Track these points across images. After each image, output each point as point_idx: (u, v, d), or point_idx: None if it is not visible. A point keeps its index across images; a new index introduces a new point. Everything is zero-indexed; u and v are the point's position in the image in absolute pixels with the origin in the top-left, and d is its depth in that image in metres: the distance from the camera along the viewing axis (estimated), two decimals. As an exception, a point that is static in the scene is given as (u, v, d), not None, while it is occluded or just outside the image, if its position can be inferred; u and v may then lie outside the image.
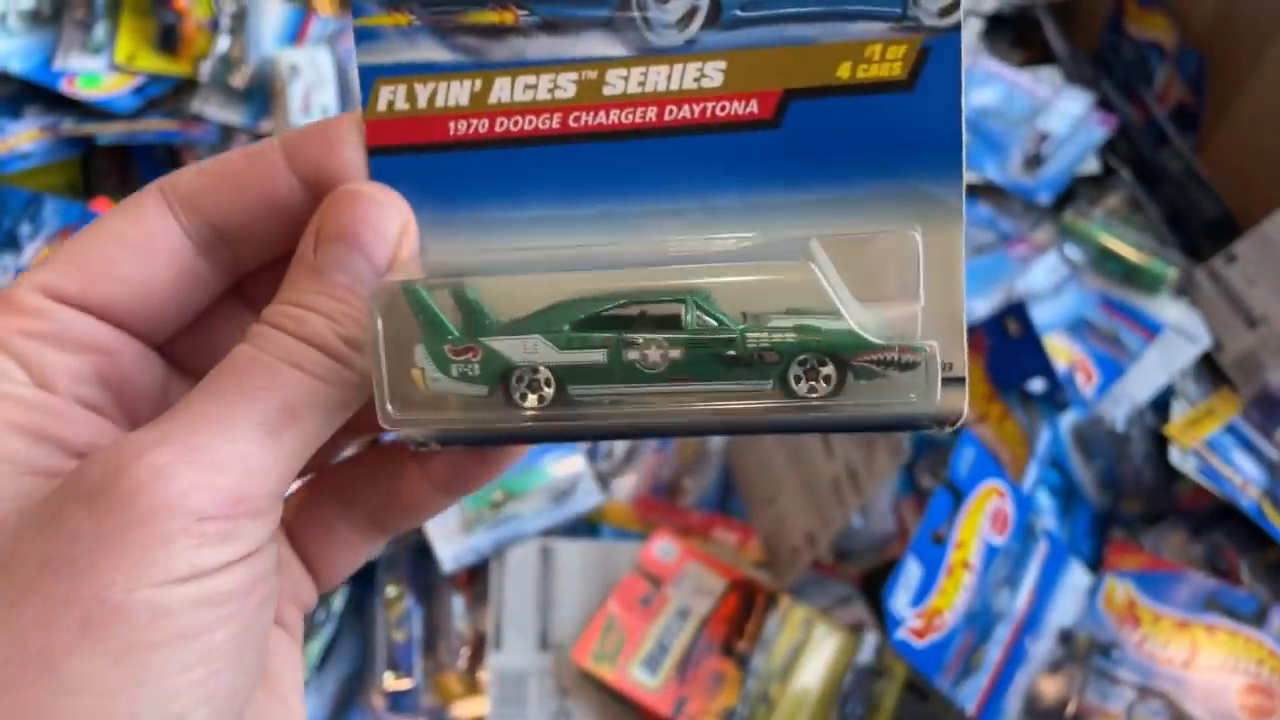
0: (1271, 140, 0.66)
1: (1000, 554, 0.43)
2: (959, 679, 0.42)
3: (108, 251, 0.17)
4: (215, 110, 0.64)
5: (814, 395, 0.17)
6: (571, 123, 0.17)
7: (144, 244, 0.17)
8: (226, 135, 0.64)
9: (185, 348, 0.19)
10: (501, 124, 0.18)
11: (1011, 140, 0.61)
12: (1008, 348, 0.47)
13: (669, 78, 0.17)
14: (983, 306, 0.52)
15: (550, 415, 0.17)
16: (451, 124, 0.17)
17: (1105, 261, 0.57)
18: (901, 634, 0.39)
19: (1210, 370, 0.59)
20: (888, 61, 0.17)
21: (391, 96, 0.18)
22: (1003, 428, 0.47)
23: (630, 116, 0.17)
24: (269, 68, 0.64)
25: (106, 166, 0.65)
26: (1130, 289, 0.57)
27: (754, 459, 0.51)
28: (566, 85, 0.17)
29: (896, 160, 0.17)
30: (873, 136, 0.17)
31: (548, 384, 0.17)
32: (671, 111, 0.17)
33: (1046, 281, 0.54)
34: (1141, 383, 0.53)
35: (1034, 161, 0.60)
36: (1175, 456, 0.48)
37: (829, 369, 0.17)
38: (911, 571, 0.39)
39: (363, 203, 0.17)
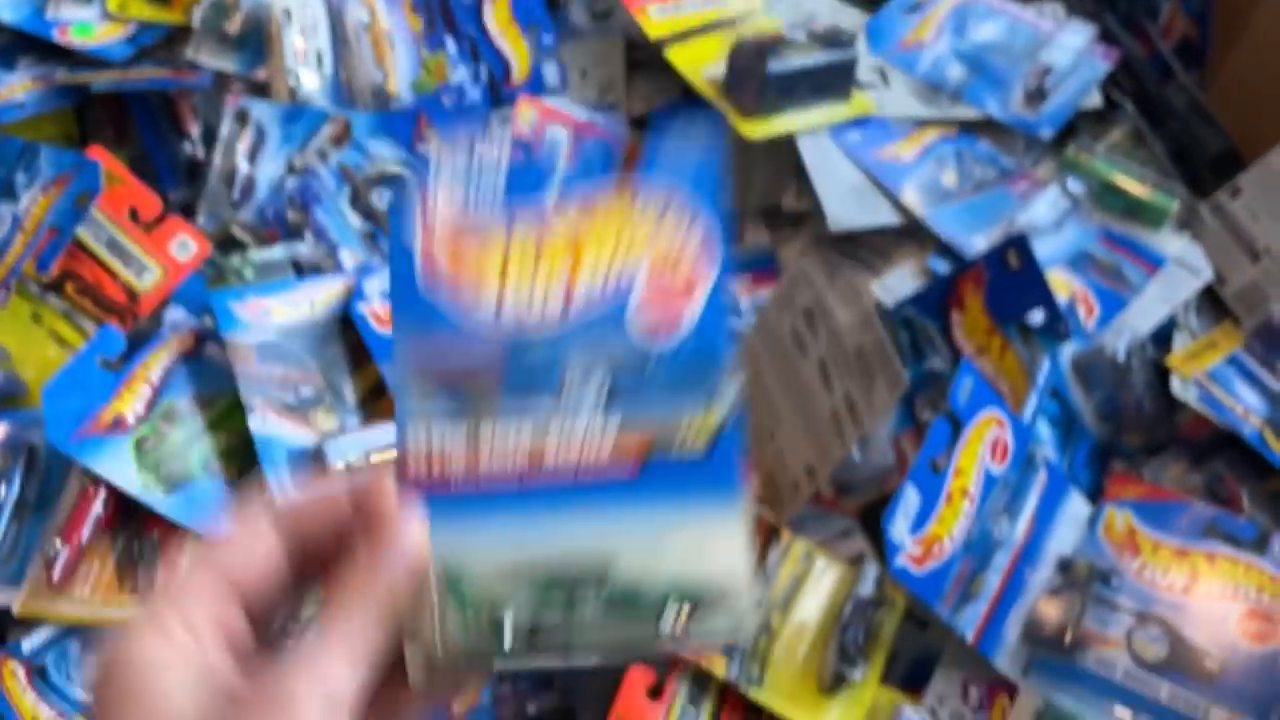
0: (1277, 73, 0.65)
1: (999, 483, 0.43)
2: (958, 606, 0.42)
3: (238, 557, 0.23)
4: (209, 58, 0.63)
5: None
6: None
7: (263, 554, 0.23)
8: (221, 82, 0.63)
9: None
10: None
11: (1013, 75, 0.60)
12: (1008, 281, 0.47)
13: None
14: (982, 242, 0.52)
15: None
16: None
17: (1107, 196, 0.56)
18: (901, 561, 0.39)
19: (1213, 303, 0.59)
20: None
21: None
22: (1003, 360, 0.47)
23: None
24: (262, 13, 0.63)
25: (102, 115, 0.65)
26: (1133, 223, 0.57)
27: (754, 394, 0.51)
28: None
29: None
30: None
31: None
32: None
33: (1048, 216, 0.54)
34: (1143, 314, 0.52)
35: (1036, 96, 0.59)
36: (1176, 386, 0.48)
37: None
38: (910, 499, 0.39)
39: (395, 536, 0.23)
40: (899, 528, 0.39)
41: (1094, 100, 0.60)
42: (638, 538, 0.24)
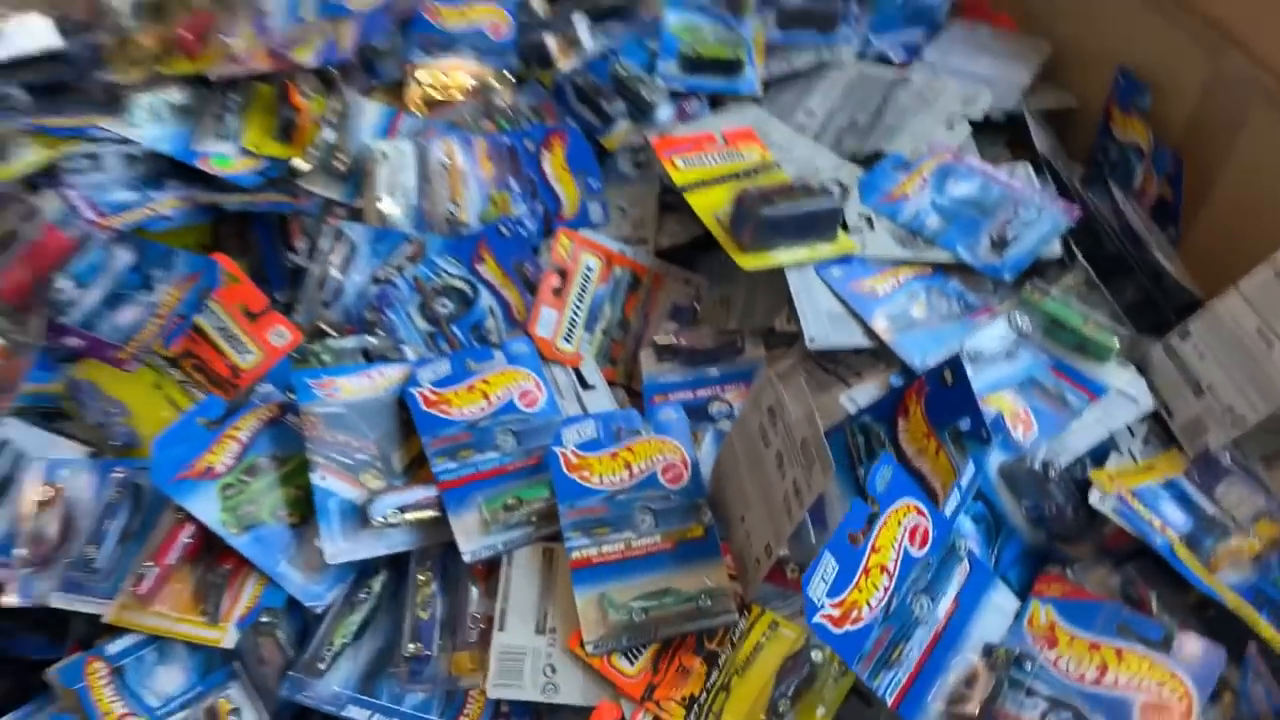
0: (1241, 227, 0.73)
1: (919, 564, 0.50)
2: (877, 670, 0.49)
3: None
4: (319, 188, 0.78)
5: None
6: None
7: None
8: (326, 207, 0.78)
9: None
10: None
11: (982, 226, 0.70)
12: (943, 394, 0.55)
13: None
14: (931, 362, 0.60)
15: None
16: None
17: (1056, 331, 0.64)
18: (819, 619, 0.47)
19: (1164, 434, 0.65)
20: None
21: None
22: (937, 461, 0.55)
23: None
24: (364, 153, 0.78)
25: (230, 230, 0.80)
26: (1082, 357, 0.64)
27: (730, 483, 0.60)
28: None
29: None
30: None
31: None
32: None
33: (993, 345, 0.62)
34: (1081, 435, 0.59)
35: (1000, 244, 0.68)
36: (1094, 497, 0.55)
37: None
38: (828, 565, 0.47)
39: None
40: (816, 589, 0.47)
41: (1054, 250, 0.69)
42: (679, 574, 0.56)
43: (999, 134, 0.84)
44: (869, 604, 0.48)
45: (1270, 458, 0.62)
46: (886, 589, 0.49)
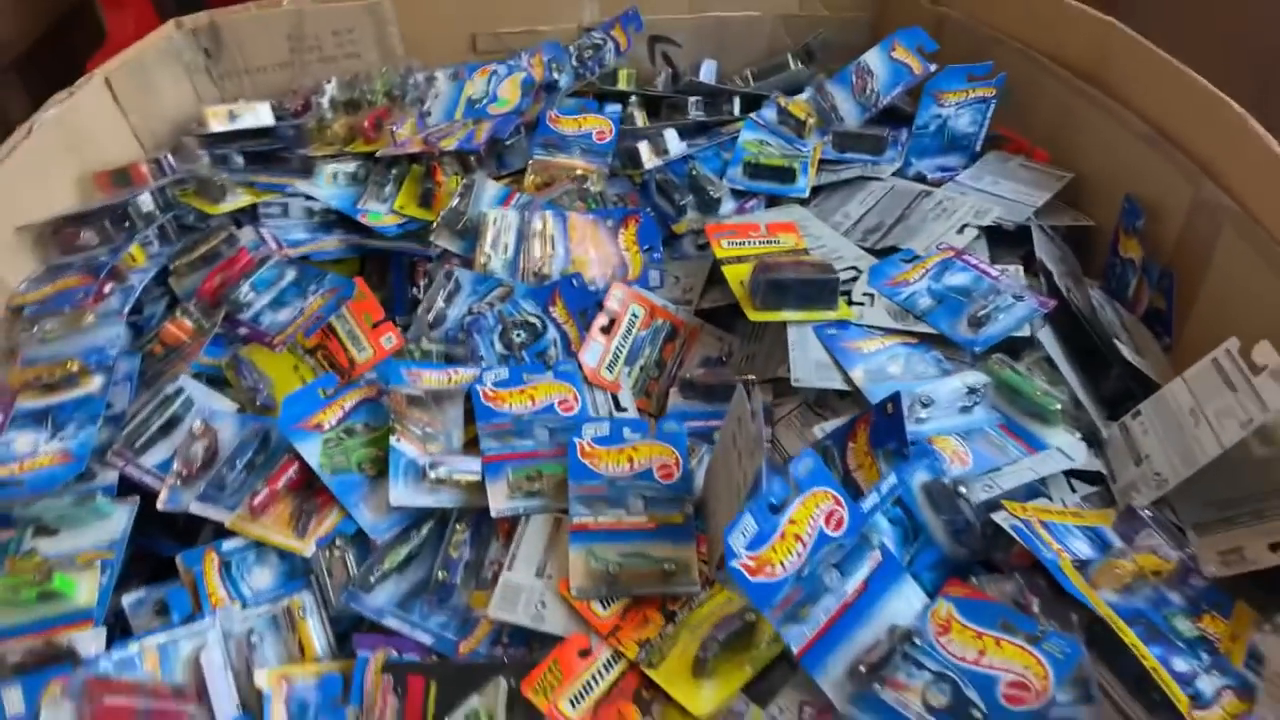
0: (1220, 331, 0.81)
1: (832, 543, 0.62)
2: (785, 621, 0.60)
3: None
4: (443, 241, 1.00)
5: None
6: None
7: None
8: (445, 255, 0.99)
9: None
10: None
11: (966, 308, 0.82)
12: (883, 421, 0.67)
13: None
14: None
15: None
16: None
17: (1008, 394, 0.75)
18: (736, 564, 0.59)
19: (1102, 504, 0.73)
20: None
21: None
22: (871, 473, 0.66)
23: None
24: (479, 218, 0.99)
25: (373, 267, 1.02)
26: (1033, 421, 0.74)
27: (711, 486, 0.73)
28: None
29: None
30: None
31: None
32: None
33: (947, 394, 0.73)
34: (1009, 476, 0.69)
35: (977, 323, 0.80)
36: (999, 517, 0.64)
37: None
38: (748, 524, 0.59)
39: None
40: (736, 540, 0.59)
41: (1025, 331, 0.80)
42: (656, 545, 0.68)
43: (1017, 247, 0.96)
44: (782, 564, 0.60)
45: (1200, 525, 0.69)
46: (800, 555, 0.61)
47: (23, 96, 1.77)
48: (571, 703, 0.63)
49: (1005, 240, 0.94)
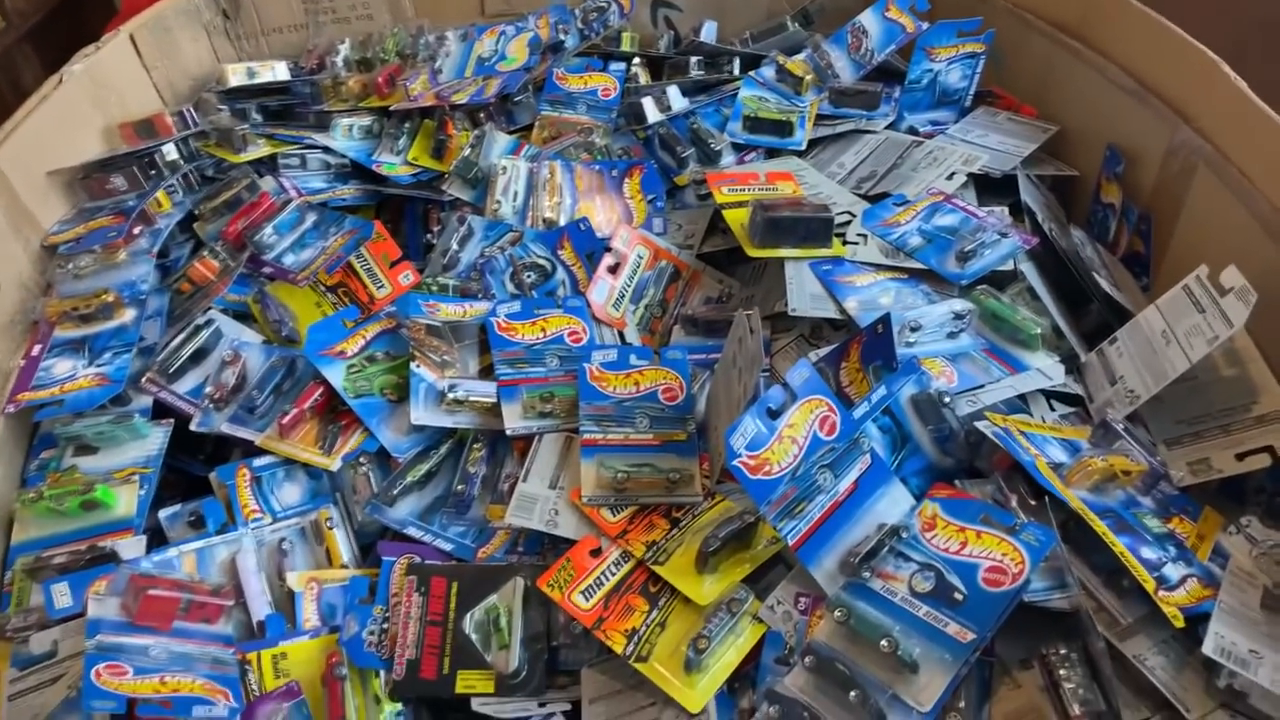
0: (1193, 269, 0.86)
1: (825, 446, 0.66)
2: (782, 516, 0.65)
3: None
4: (456, 189, 1.04)
5: None
6: None
7: None
8: (457, 203, 1.03)
9: None
10: None
11: (954, 246, 0.86)
12: (874, 341, 0.72)
13: None
14: (877, 322, 0.77)
15: None
16: None
17: (992, 320, 0.79)
18: (736, 463, 0.63)
19: (1080, 423, 0.78)
20: None
21: None
22: (861, 389, 0.71)
23: None
24: (490, 169, 1.04)
25: (388, 215, 1.07)
26: (1016, 346, 0.79)
27: (712, 405, 0.78)
28: None
29: None
30: None
31: None
32: None
33: (933, 319, 0.78)
34: (992, 392, 0.74)
35: (964, 258, 0.84)
36: (982, 425, 0.69)
37: None
38: (748, 426, 0.64)
39: None
40: (737, 441, 0.63)
41: (1008, 266, 0.85)
42: (661, 458, 0.73)
43: (1004, 197, 1.00)
44: (779, 463, 0.65)
45: (1170, 440, 0.74)
46: (795, 456, 0.65)
47: (36, 66, 1.81)
48: (584, 595, 0.67)
49: (992, 189, 0.99)
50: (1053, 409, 0.78)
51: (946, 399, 0.70)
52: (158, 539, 0.76)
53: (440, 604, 0.70)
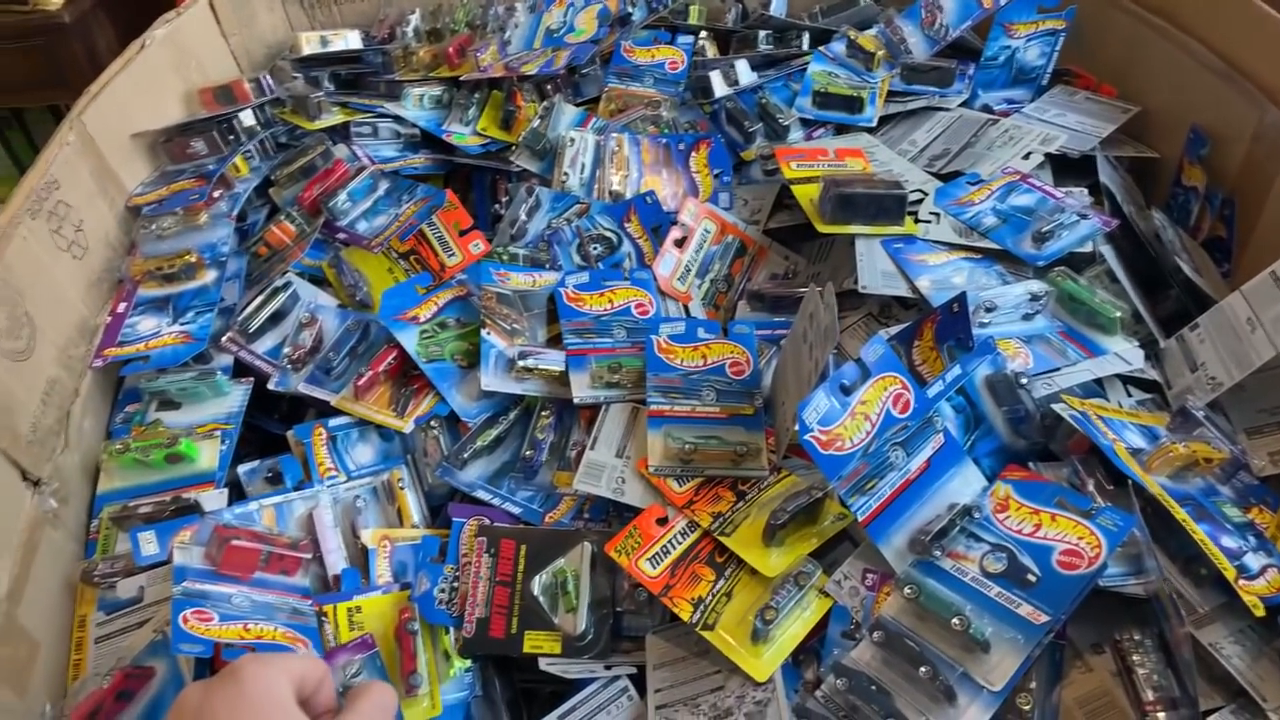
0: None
1: (897, 423, 0.66)
2: (853, 492, 0.65)
3: None
4: (524, 160, 1.05)
5: None
6: None
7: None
8: (525, 174, 1.04)
9: None
10: None
11: (1030, 226, 0.85)
12: (949, 320, 0.71)
13: None
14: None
15: None
16: None
17: (1069, 303, 0.78)
18: (808, 438, 0.64)
19: (1157, 410, 0.76)
20: None
21: None
22: (935, 369, 0.70)
23: None
24: (558, 140, 1.04)
25: (457, 185, 1.08)
26: (1093, 329, 0.78)
27: (779, 380, 0.78)
28: None
29: None
30: None
31: None
32: None
33: (1009, 300, 0.77)
34: (1068, 376, 0.73)
35: (1041, 239, 0.83)
36: (1059, 407, 0.68)
37: None
38: (820, 401, 0.64)
39: None
40: (810, 416, 0.63)
41: (1086, 248, 0.83)
42: (727, 431, 0.74)
43: (1081, 178, 0.98)
44: (851, 439, 0.65)
45: (1252, 429, 0.73)
46: (868, 433, 0.65)
47: (109, 32, 1.85)
48: (651, 562, 0.68)
49: (1070, 170, 0.97)
50: (1129, 394, 0.76)
51: (1023, 380, 0.70)
52: (237, 493, 0.79)
53: (509, 565, 0.71)
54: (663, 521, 0.71)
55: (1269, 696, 0.58)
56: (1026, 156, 0.94)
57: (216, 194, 0.96)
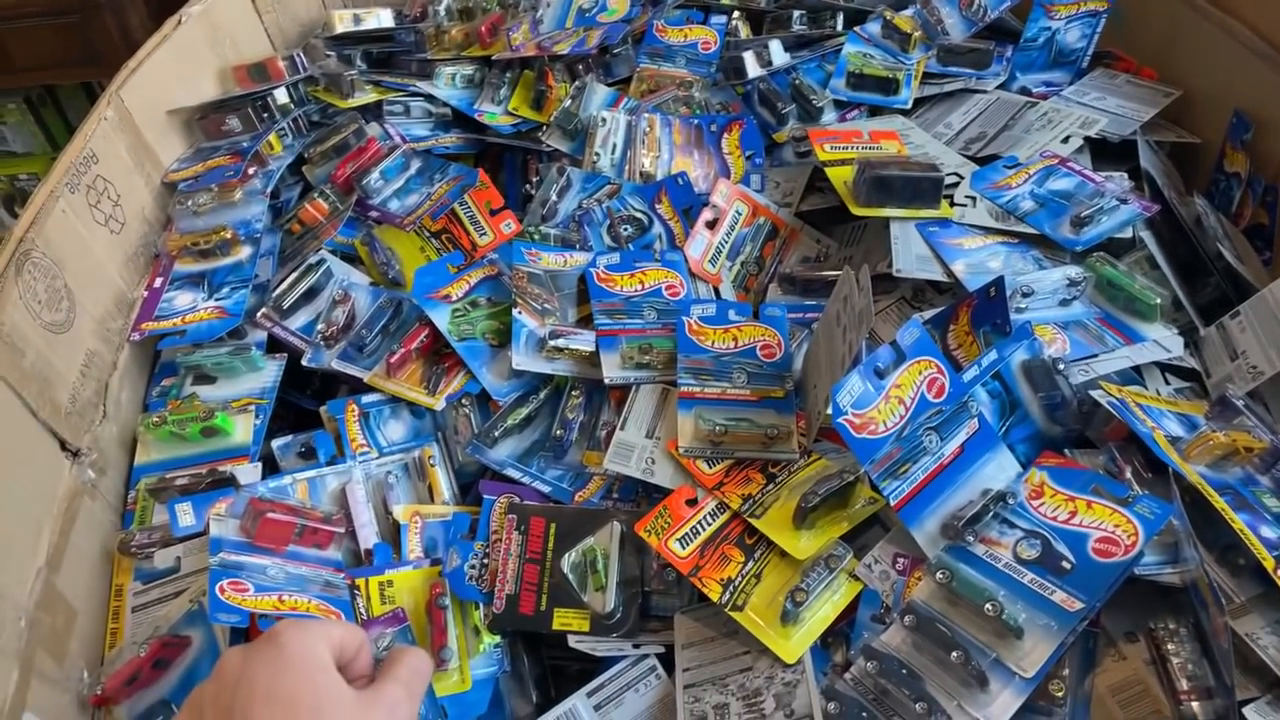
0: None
1: (932, 408, 0.66)
2: (884, 476, 0.64)
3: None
4: (555, 140, 1.05)
5: None
6: None
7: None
8: (556, 154, 1.04)
9: None
10: None
11: (1069, 211, 0.84)
12: (986, 305, 0.70)
13: None
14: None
15: None
16: None
17: (1107, 289, 0.77)
18: (842, 420, 0.63)
19: (1196, 398, 0.75)
20: None
21: None
22: (970, 353, 0.70)
23: None
24: (590, 120, 1.04)
25: (488, 165, 1.08)
26: (1132, 316, 0.77)
27: (811, 362, 0.77)
28: None
29: None
30: None
31: None
32: None
33: (1047, 285, 0.76)
34: (1106, 363, 0.72)
35: (1080, 224, 0.82)
36: (1097, 394, 0.67)
37: None
38: (854, 384, 0.64)
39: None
40: (844, 399, 0.63)
41: (1126, 233, 0.82)
42: (758, 414, 0.73)
43: (1120, 163, 0.97)
44: (884, 423, 0.64)
45: (1292, 416, 0.72)
46: (902, 417, 0.65)
47: (142, 10, 1.86)
48: (680, 543, 0.68)
49: (1109, 155, 0.95)
50: (1167, 382, 0.75)
51: (1060, 366, 0.69)
52: (270, 467, 0.80)
53: (539, 543, 0.71)
54: (692, 503, 0.71)
55: (1306, 688, 0.58)
56: (1065, 140, 0.92)
57: (251, 171, 0.96)
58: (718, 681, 0.64)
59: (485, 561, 0.71)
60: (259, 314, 0.87)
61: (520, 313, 0.83)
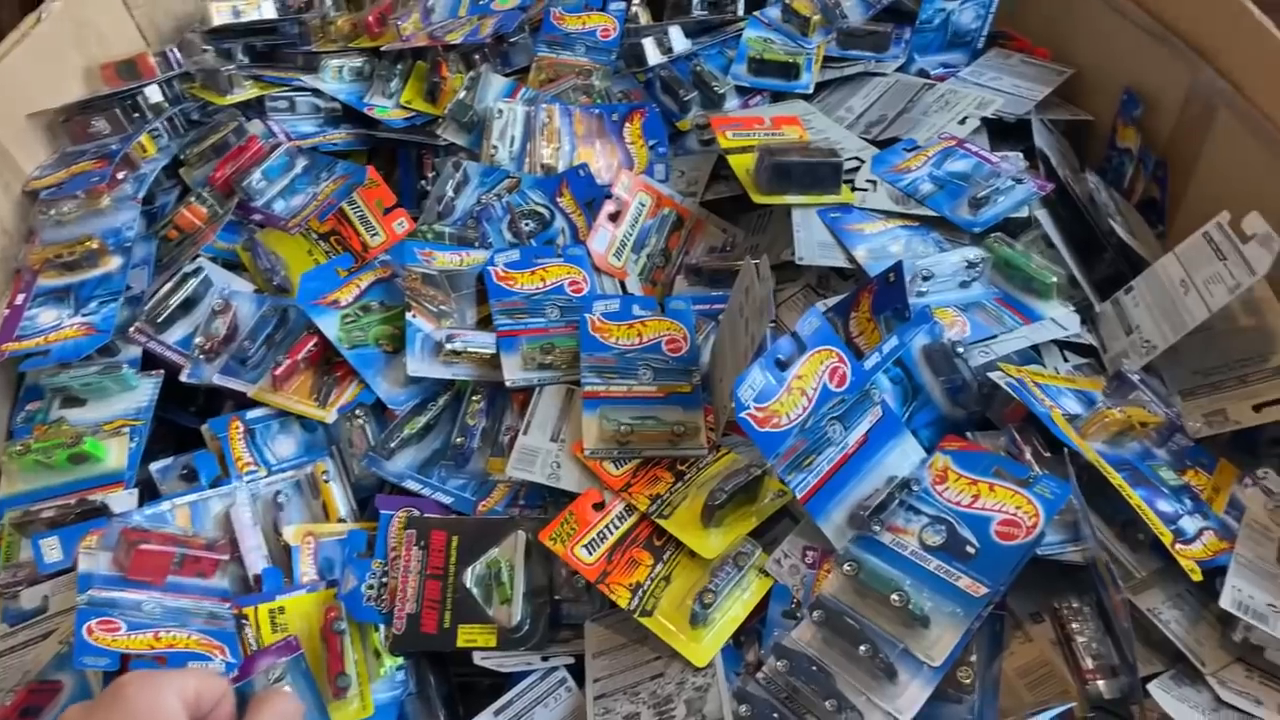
0: (1212, 217, 0.83)
1: (834, 398, 0.64)
2: (791, 469, 0.63)
3: None
4: (451, 134, 1.01)
5: None
6: None
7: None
8: (452, 148, 1.00)
9: None
10: None
11: (966, 192, 0.84)
12: (886, 290, 0.69)
13: None
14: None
15: None
16: None
17: (1005, 269, 0.77)
18: (744, 415, 0.62)
19: (1094, 373, 0.76)
20: None
21: None
22: (872, 340, 0.69)
23: None
24: (486, 112, 1.00)
25: (380, 161, 1.03)
26: (1029, 295, 0.77)
27: (717, 357, 0.76)
28: None
29: None
30: None
31: None
32: None
33: (946, 268, 0.75)
34: (1005, 343, 0.72)
35: (977, 205, 0.82)
36: (996, 374, 0.67)
37: None
38: (756, 377, 0.62)
39: None
40: (745, 394, 0.61)
41: (1023, 212, 0.82)
42: (665, 411, 0.71)
43: (1017, 142, 0.97)
44: (788, 415, 0.63)
45: (1186, 391, 0.73)
46: (804, 409, 0.63)
47: (14, 4, 1.75)
48: (587, 549, 0.66)
49: (1005, 134, 0.96)
50: (1066, 360, 0.76)
51: (960, 349, 0.68)
52: (149, 493, 0.75)
53: (440, 557, 0.68)
54: (599, 506, 0.69)
55: (1207, 661, 0.58)
56: (963, 121, 0.93)
57: (120, 175, 0.90)
58: (629, 690, 0.62)
59: (384, 580, 0.68)
60: (132, 328, 0.81)
61: (415, 316, 0.80)
